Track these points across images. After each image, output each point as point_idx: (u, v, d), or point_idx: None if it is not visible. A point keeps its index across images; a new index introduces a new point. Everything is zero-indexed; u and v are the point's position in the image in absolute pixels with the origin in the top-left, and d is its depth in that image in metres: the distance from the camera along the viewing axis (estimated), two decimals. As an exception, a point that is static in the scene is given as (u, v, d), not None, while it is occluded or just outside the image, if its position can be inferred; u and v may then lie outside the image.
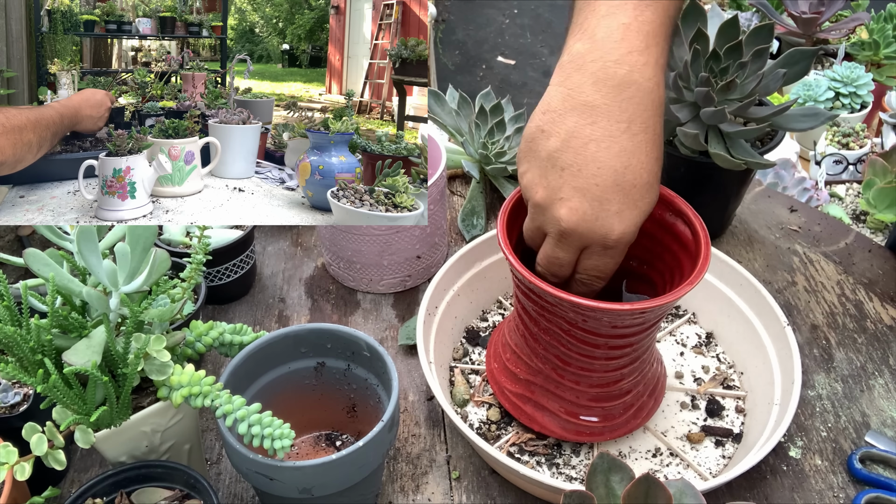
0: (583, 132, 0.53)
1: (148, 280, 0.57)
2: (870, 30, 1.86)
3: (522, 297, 0.61)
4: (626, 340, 0.60)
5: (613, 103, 0.52)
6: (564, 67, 0.54)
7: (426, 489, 0.67)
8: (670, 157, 0.81)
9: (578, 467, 0.67)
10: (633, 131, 0.52)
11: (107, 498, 0.58)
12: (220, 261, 0.81)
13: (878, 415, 0.73)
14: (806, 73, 0.76)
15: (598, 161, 0.52)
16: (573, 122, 0.53)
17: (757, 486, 0.67)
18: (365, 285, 0.87)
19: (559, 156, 0.53)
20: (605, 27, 0.53)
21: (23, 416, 0.61)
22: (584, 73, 0.53)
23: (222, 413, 0.54)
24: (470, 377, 0.75)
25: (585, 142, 0.52)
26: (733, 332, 0.76)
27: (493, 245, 0.79)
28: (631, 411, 0.66)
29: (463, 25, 3.25)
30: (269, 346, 0.63)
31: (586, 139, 0.52)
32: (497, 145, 0.94)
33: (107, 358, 0.56)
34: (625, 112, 0.52)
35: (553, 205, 0.54)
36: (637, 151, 0.52)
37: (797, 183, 1.76)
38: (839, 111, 1.90)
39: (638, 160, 0.53)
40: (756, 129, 0.76)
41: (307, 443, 0.69)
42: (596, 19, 0.54)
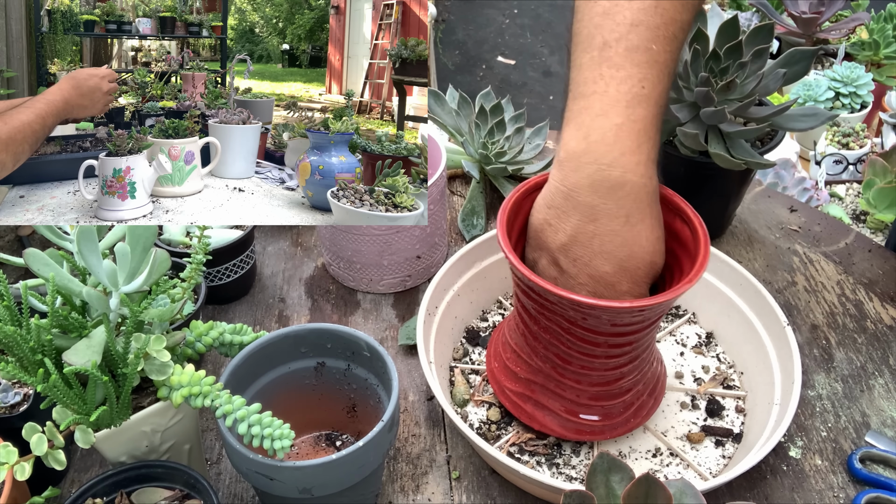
0: (587, 229, 0.57)
1: (148, 280, 0.57)
2: (870, 30, 1.86)
3: (522, 295, 0.61)
4: (626, 339, 0.60)
5: (610, 202, 0.56)
6: (563, 166, 0.57)
7: (426, 489, 0.67)
8: (670, 157, 0.81)
9: (578, 467, 0.67)
10: (632, 223, 0.56)
11: (107, 498, 0.58)
12: (220, 261, 0.81)
13: (878, 415, 0.73)
14: (806, 73, 0.76)
15: (604, 253, 0.57)
16: (576, 220, 0.57)
17: (757, 486, 0.67)
18: (365, 285, 0.87)
19: (569, 249, 0.58)
20: (599, 128, 0.55)
21: (23, 416, 0.61)
22: (580, 175, 0.56)
23: (222, 413, 0.54)
24: (470, 377, 0.75)
25: (590, 237, 0.57)
26: (733, 332, 0.76)
27: (493, 245, 0.79)
28: (631, 410, 0.66)
29: (463, 25, 3.25)
30: (269, 346, 0.63)
31: (591, 234, 0.57)
32: (497, 145, 0.94)
33: (107, 358, 0.56)
34: (622, 209, 0.56)
35: (571, 290, 0.59)
36: (637, 239, 0.57)
37: (797, 183, 1.76)
38: (839, 111, 1.90)
39: (639, 247, 0.57)
40: (756, 129, 0.76)
41: (307, 443, 0.69)
42: (590, 118, 0.56)
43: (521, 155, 0.97)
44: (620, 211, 0.56)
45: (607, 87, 0.55)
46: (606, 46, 0.56)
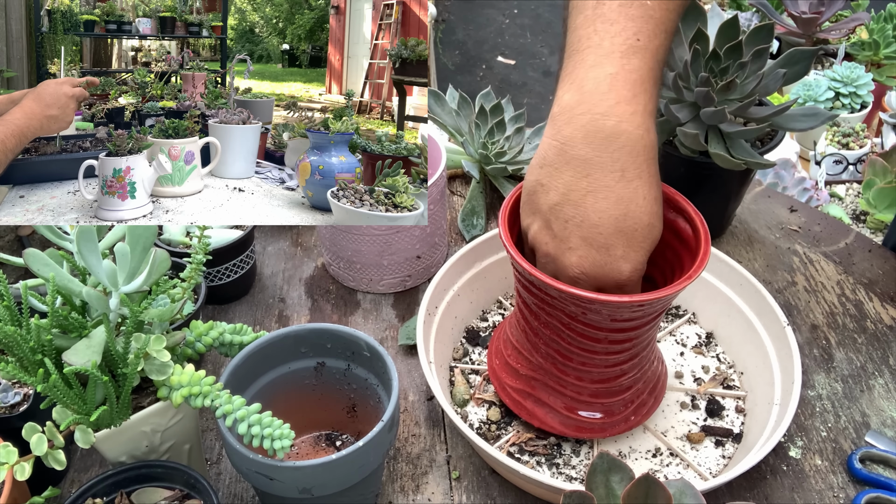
0: (579, 185, 0.54)
1: (148, 280, 0.57)
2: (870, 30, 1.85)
3: (523, 290, 0.61)
4: (627, 335, 0.60)
5: (605, 155, 0.54)
6: (556, 120, 0.56)
7: (426, 489, 0.67)
8: (670, 157, 0.81)
9: (578, 467, 0.67)
10: (628, 178, 0.54)
11: (107, 498, 0.58)
12: (220, 261, 0.81)
13: (878, 415, 0.73)
14: (806, 73, 0.76)
15: (599, 211, 0.54)
16: (569, 175, 0.55)
17: (757, 486, 0.67)
18: (365, 285, 0.87)
19: (561, 209, 0.55)
20: (593, 78, 0.54)
21: (23, 416, 0.61)
22: (574, 127, 0.54)
23: (222, 413, 0.54)
24: (470, 377, 0.75)
25: (583, 194, 0.54)
26: (733, 332, 0.76)
27: (493, 245, 0.79)
28: (631, 408, 0.66)
29: (463, 25, 3.25)
30: (269, 346, 0.63)
31: (584, 191, 0.54)
32: (497, 145, 0.94)
33: (107, 358, 0.56)
34: (617, 162, 0.54)
35: (562, 255, 0.56)
36: (634, 197, 0.54)
37: (797, 183, 1.76)
38: (839, 111, 1.90)
39: (636, 205, 0.54)
40: (756, 129, 0.76)
41: (307, 443, 0.69)
42: (584, 70, 0.55)
43: (521, 155, 0.97)
44: (615, 164, 0.53)
45: (601, 41, 0.54)
46: (600, 3, 0.55)
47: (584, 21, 0.56)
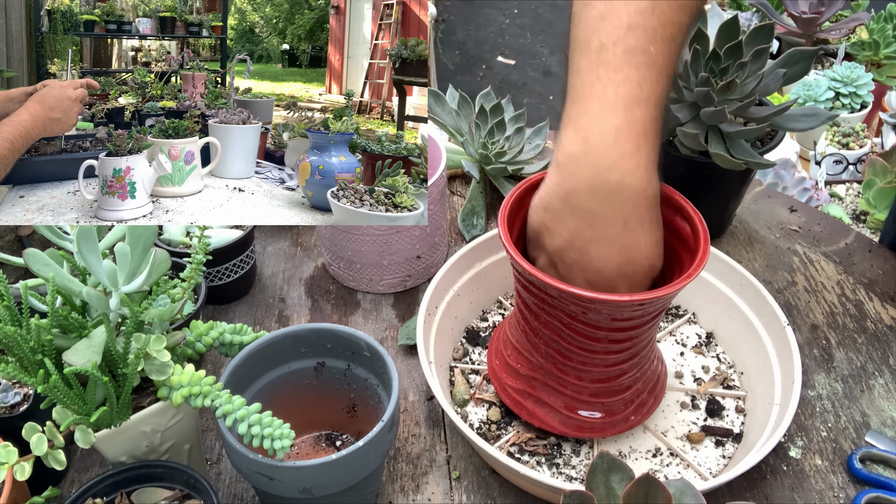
0: (584, 234, 0.56)
1: (148, 280, 0.57)
2: (870, 30, 1.86)
3: (523, 290, 0.61)
4: (626, 334, 0.60)
5: (608, 207, 0.55)
6: (560, 168, 0.57)
7: (426, 489, 0.67)
8: (670, 157, 0.81)
9: (578, 467, 0.67)
10: (630, 228, 0.56)
11: (107, 498, 0.58)
12: (220, 261, 0.81)
13: (878, 415, 0.73)
14: (806, 73, 0.76)
15: (602, 258, 0.56)
16: (573, 224, 0.56)
17: (757, 486, 0.67)
18: (365, 285, 0.87)
19: (565, 253, 0.58)
20: (598, 131, 0.55)
21: (23, 416, 0.61)
22: (579, 180, 0.55)
23: (222, 413, 0.54)
24: (470, 377, 0.75)
25: (587, 242, 0.56)
26: (733, 332, 0.76)
27: (493, 245, 0.79)
28: (631, 407, 0.66)
29: (463, 25, 3.25)
30: (269, 346, 0.63)
31: (587, 240, 0.56)
32: (497, 145, 0.94)
33: (107, 358, 0.56)
34: (620, 214, 0.55)
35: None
36: (636, 245, 0.56)
37: (797, 183, 1.76)
38: (839, 111, 1.90)
39: (637, 252, 0.56)
40: (756, 129, 0.76)
41: (307, 443, 0.69)
42: (588, 120, 0.55)
43: (521, 155, 0.97)
44: (618, 216, 0.55)
45: (605, 90, 0.55)
46: (603, 49, 0.55)
47: (588, 66, 0.56)
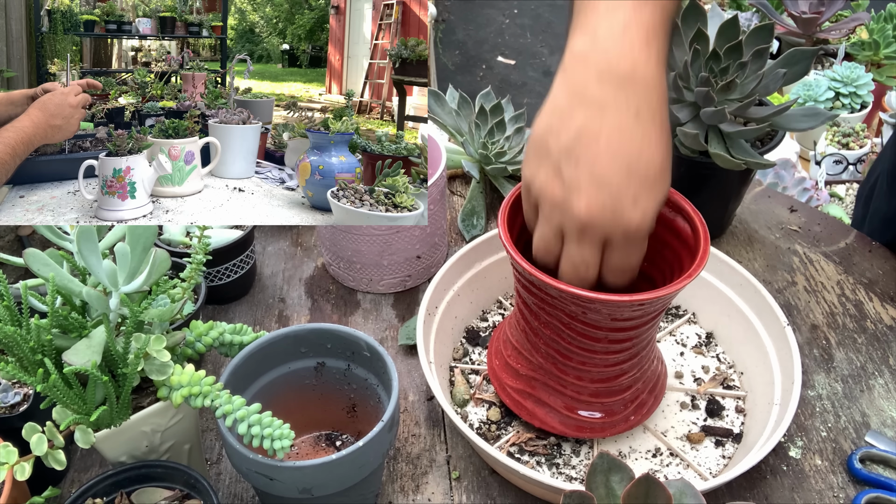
0: (593, 126, 0.53)
1: (148, 280, 0.57)
2: (870, 30, 1.86)
3: (523, 290, 0.61)
4: (626, 334, 0.60)
5: (620, 96, 0.53)
6: (567, 66, 0.55)
7: (426, 489, 0.67)
8: (670, 157, 0.81)
9: (578, 467, 0.67)
10: (642, 119, 0.53)
11: (107, 498, 0.58)
12: (220, 261, 0.81)
13: (878, 415, 0.73)
14: (806, 73, 0.76)
15: (612, 151, 0.53)
16: (582, 117, 0.54)
17: (757, 486, 0.67)
18: (365, 285, 0.87)
19: (572, 150, 0.54)
20: (607, 25, 0.54)
21: (23, 416, 0.61)
22: (587, 70, 0.54)
23: (222, 413, 0.54)
24: (470, 377, 0.75)
25: (596, 135, 0.53)
26: (733, 332, 0.76)
27: (493, 245, 0.79)
28: (631, 407, 0.66)
29: (463, 25, 3.25)
30: (269, 346, 0.63)
31: (597, 132, 0.53)
32: (497, 145, 0.94)
33: (107, 358, 0.56)
34: (631, 104, 0.53)
35: (571, 199, 0.54)
36: (648, 139, 0.53)
37: (797, 183, 1.76)
38: (839, 111, 1.90)
39: (649, 147, 0.53)
40: (756, 129, 0.76)
41: (307, 443, 0.69)
42: (596, 18, 0.54)
43: (522, 155, 0.97)
44: (630, 107, 0.53)
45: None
46: None
47: None
